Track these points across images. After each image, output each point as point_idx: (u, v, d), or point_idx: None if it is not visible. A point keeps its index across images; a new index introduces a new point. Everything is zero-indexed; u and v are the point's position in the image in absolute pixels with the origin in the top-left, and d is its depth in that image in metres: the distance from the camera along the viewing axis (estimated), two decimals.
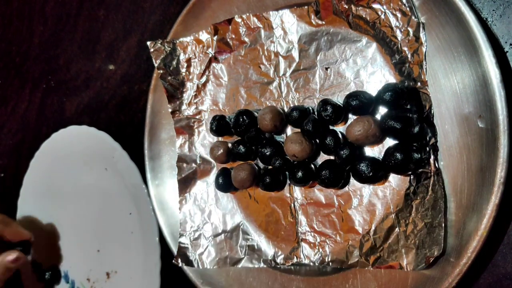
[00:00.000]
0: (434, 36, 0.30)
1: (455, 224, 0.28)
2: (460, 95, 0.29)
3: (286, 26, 0.36)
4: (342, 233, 0.33)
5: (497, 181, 0.26)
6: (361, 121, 0.31)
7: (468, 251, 0.27)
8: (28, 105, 0.54)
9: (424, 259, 0.29)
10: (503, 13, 0.30)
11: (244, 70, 0.39)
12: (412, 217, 0.30)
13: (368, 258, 0.31)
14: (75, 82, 0.51)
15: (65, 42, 0.52)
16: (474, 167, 0.28)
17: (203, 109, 0.41)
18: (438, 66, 0.30)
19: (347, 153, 0.32)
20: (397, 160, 0.29)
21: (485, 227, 0.26)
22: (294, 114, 0.34)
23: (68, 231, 0.48)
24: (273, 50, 0.37)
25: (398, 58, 0.31)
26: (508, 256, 0.29)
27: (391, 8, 0.31)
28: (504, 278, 0.29)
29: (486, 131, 0.27)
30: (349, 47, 0.34)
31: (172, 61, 0.41)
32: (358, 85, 0.33)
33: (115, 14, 0.48)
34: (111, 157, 0.43)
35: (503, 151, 0.26)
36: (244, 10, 0.39)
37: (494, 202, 0.26)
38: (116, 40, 0.48)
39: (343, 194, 0.33)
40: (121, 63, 0.48)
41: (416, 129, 0.29)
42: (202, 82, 0.41)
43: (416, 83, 0.30)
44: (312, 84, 0.35)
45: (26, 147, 0.54)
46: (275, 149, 0.35)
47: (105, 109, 0.48)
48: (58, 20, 0.53)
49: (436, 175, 0.29)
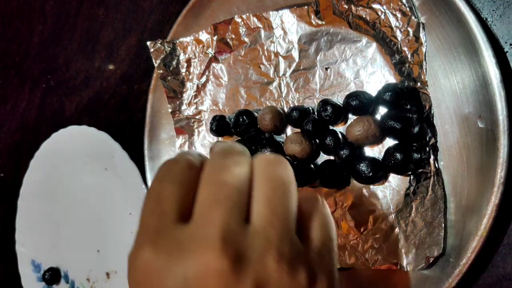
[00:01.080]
0: (434, 36, 0.30)
1: (455, 224, 0.28)
2: (460, 95, 0.29)
3: (286, 26, 0.36)
4: (342, 233, 0.33)
5: (497, 181, 0.26)
6: (361, 121, 0.31)
7: (468, 251, 0.27)
8: (28, 105, 0.54)
9: (424, 259, 0.29)
10: (503, 13, 0.30)
11: (244, 70, 0.39)
12: (412, 217, 0.30)
13: (368, 258, 0.31)
14: (75, 81, 0.51)
15: (65, 41, 0.52)
16: (474, 167, 0.28)
17: (203, 109, 0.41)
18: (438, 66, 0.30)
19: (347, 153, 0.32)
20: (397, 160, 0.29)
21: (485, 227, 0.26)
22: (294, 114, 0.34)
23: (68, 231, 0.48)
24: (273, 50, 0.37)
25: (398, 58, 0.31)
26: (508, 256, 0.29)
27: (391, 8, 0.31)
28: (503, 279, 0.29)
29: (486, 131, 0.27)
30: (349, 47, 0.34)
31: (172, 61, 0.41)
32: (358, 85, 0.33)
33: (114, 13, 0.48)
34: (111, 157, 0.43)
35: (503, 151, 0.26)
36: (244, 10, 0.39)
37: (494, 202, 0.26)
38: (116, 39, 0.48)
39: (343, 194, 0.33)
40: (121, 62, 0.48)
41: (416, 129, 0.29)
42: (202, 82, 0.41)
43: (416, 83, 0.30)
44: (312, 84, 0.35)
45: (26, 147, 0.53)
46: (275, 149, 0.35)
47: (105, 109, 0.48)
48: (58, 19, 0.53)
49: (436, 175, 0.29)
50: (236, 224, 0.19)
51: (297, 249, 0.20)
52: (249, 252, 0.19)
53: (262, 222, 0.20)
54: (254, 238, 0.19)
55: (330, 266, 0.22)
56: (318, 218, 0.23)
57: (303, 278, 0.19)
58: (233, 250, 0.18)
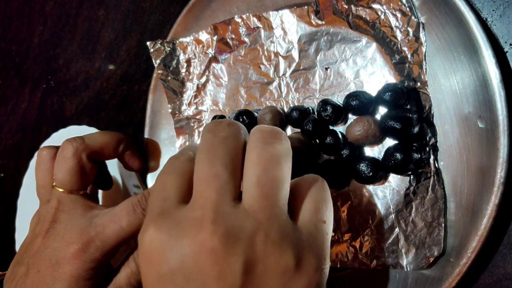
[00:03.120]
0: (434, 36, 0.30)
1: (455, 224, 0.28)
2: (460, 95, 0.29)
3: (286, 26, 0.36)
4: (342, 233, 0.33)
5: (497, 181, 0.26)
6: (361, 121, 0.31)
7: (468, 251, 0.27)
8: (28, 105, 0.54)
9: (424, 259, 0.29)
10: (503, 13, 0.30)
11: (244, 70, 0.39)
12: (412, 217, 0.30)
13: (368, 258, 0.31)
14: (75, 82, 0.51)
15: (65, 42, 0.52)
16: (474, 167, 0.28)
17: (203, 109, 0.41)
18: (438, 66, 0.30)
19: (347, 153, 0.32)
20: (397, 160, 0.29)
21: (485, 227, 0.26)
22: (294, 114, 0.34)
23: None
24: (273, 50, 0.37)
25: (398, 58, 0.31)
26: (508, 256, 0.29)
27: (391, 8, 0.31)
28: (503, 278, 0.29)
29: (486, 131, 0.27)
30: (349, 47, 0.34)
31: (172, 61, 0.41)
32: (358, 85, 0.33)
33: (115, 14, 0.48)
34: None
35: (503, 151, 0.26)
36: (244, 10, 0.39)
37: (494, 202, 0.26)
38: (116, 40, 0.48)
39: (343, 194, 0.33)
40: (121, 63, 0.48)
41: (416, 129, 0.29)
42: (202, 82, 0.41)
43: (416, 83, 0.30)
44: (312, 84, 0.35)
45: (26, 147, 0.53)
46: None
47: (105, 109, 0.48)
48: (58, 20, 0.53)
49: (436, 175, 0.29)
50: (227, 204, 0.21)
51: (285, 230, 0.21)
52: (239, 232, 0.20)
53: (252, 203, 0.21)
54: (244, 219, 0.20)
55: (320, 247, 0.22)
56: (312, 199, 0.23)
57: (289, 258, 0.20)
58: (224, 230, 0.20)
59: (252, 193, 0.21)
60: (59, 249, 0.29)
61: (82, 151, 0.33)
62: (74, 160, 0.32)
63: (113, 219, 0.30)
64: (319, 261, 0.21)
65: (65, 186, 0.32)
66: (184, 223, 0.20)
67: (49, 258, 0.29)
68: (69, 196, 0.32)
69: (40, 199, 0.34)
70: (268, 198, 0.21)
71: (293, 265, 0.20)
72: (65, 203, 0.32)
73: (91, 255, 0.29)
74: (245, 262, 0.19)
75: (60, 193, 0.32)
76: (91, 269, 0.29)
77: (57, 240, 0.30)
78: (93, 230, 0.30)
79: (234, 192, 0.21)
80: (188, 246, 0.20)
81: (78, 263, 0.29)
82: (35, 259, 0.30)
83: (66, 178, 0.32)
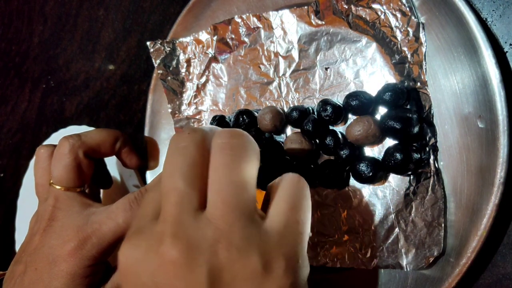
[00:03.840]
0: (434, 36, 0.30)
1: (455, 224, 0.28)
2: (460, 95, 0.29)
3: (286, 26, 0.36)
4: (342, 233, 0.33)
5: (497, 181, 0.26)
6: (361, 121, 0.31)
7: (467, 251, 0.27)
8: (28, 105, 0.54)
9: (424, 259, 0.29)
10: (503, 13, 0.30)
11: (244, 70, 0.39)
12: (412, 217, 0.30)
13: (368, 258, 0.31)
14: (75, 82, 0.51)
15: (65, 42, 0.52)
16: (474, 167, 0.28)
17: (203, 109, 0.41)
18: (438, 66, 0.30)
19: (347, 153, 0.32)
20: (397, 160, 0.29)
21: (485, 227, 0.26)
22: (294, 114, 0.34)
23: None
24: (273, 50, 0.37)
25: (398, 58, 0.31)
26: (508, 256, 0.29)
27: (391, 8, 0.31)
28: (504, 278, 0.29)
29: (486, 131, 0.27)
30: (349, 47, 0.34)
31: (171, 61, 0.41)
32: (358, 85, 0.33)
33: (115, 14, 0.48)
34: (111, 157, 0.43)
35: (503, 151, 0.26)
36: (244, 10, 0.39)
37: (494, 202, 0.26)
38: (116, 40, 0.48)
39: (343, 194, 0.33)
40: (121, 63, 0.48)
41: (416, 129, 0.29)
42: (202, 82, 0.41)
43: (416, 83, 0.30)
44: (312, 84, 0.35)
45: (26, 147, 0.53)
46: (275, 149, 0.35)
47: (105, 109, 0.48)
48: (58, 20, 0.53)
49: (436, 175, 0.29)
50: (188, 216, 0.20)
51: (250, 234, 0.20)
52: (201, 242, 0.20)
53: (213, 211, 0.20)
54: (205, 228, 0.20)
55: (291, 249, 0.21)
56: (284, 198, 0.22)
57: (255, 262, 0.20)
58: (184, 242, 0.19)
59: (213, 200, 0.20)
60: (56, 247, 0.29)
61: (79, 148, 0.33)
62: (71, 157, 0.32)
63: (109, 216, 0.30)
64: (291, 262, 0.21)
65: (62, 183, 0.32)
66: (151, 239, 0.20)
67: (46, 256, 0.29)
68: (66, 194, 0.32)
69: (39, 197, 0.34)
70: (229, 203, 0.20)
71: (260, 268, 0.20)
72: (62, 200, 0.32)
73: (87, 252, 0.29)
74: (210, 272, 0.19)
75: (57, 190, 0.32)
76: (88, 267, 0.29)
77: (54, 237, 0.30)
78: (90, 227, 0.30)
79: (196, 202, 0.21)
80: (154, 261, 0.20)
81: (74, 260, 0.29)
82: (32, 257, 0.30)
83: (62, 175, 0.32)
